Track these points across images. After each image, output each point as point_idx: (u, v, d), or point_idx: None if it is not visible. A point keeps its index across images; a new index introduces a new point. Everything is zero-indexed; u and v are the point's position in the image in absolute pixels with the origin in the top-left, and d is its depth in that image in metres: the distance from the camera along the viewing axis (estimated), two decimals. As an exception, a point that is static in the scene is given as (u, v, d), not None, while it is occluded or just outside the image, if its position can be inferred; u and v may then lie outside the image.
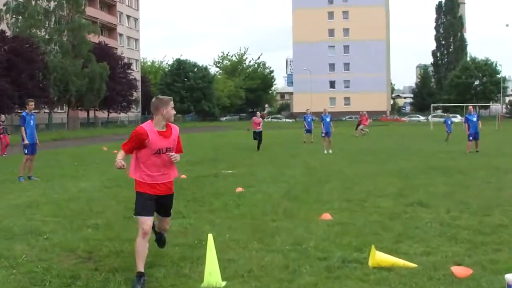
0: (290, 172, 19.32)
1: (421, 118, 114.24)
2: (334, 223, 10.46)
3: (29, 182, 18.10)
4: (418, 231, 9.67)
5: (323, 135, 30.47)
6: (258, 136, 32.14)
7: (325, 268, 7.51)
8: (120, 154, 7.10)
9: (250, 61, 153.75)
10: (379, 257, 7.54)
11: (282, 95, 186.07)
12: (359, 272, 7.31)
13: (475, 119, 29.45)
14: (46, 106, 70.85)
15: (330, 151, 29.27)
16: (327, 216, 10.99)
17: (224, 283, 6.93)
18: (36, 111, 18.02)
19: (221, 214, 11.70)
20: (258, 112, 37.13)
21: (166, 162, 7.14)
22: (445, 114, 55.04)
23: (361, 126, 51.06)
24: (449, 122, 41.07)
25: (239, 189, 15.01)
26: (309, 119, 39.95)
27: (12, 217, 11.46)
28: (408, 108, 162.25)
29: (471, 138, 28.85)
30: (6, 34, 65.44)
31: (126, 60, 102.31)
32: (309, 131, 39.57)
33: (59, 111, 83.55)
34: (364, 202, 12.88)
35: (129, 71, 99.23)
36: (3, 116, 39.38)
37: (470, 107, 31.64)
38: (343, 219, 10.88)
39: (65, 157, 29.31)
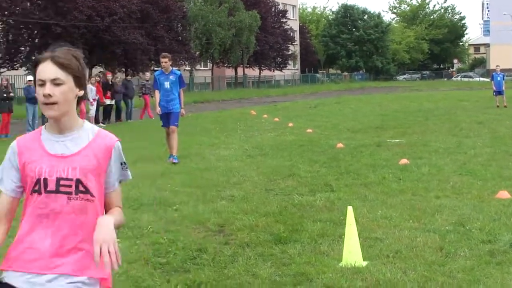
0: (470, 142, 19.35)
1: None
2: (512, 202, 10.66)
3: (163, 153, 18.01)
4: None
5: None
6: None
7: (487, 252, 7.84)
8: None
9: (435, 5, 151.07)
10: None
11: (476, 47, 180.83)
12: (527, 257, 7.58)
13: None
14: (186, 63, 73.00)
15: (528, 117, 28.76)
16: (504, 194, 11.15)
17: (365, 263, 7.47)
18: (176, 68, 17.85)
19: (376, 188, 12.22)
20: None
21: None
22: None
23: None
24: None
25: (404, 161, 15.39)
26: (498, 78, 39.30)
27: (141, 187, 12.59)
28: None
29: None
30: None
31: (280, 7, 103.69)
32: (499, 92, 38.90)
33: (202, 68, 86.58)
34: (558, 180, 12.86)
35: (285, 20, 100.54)
36: (147, 74, 41.81)
37: None
38: (525, 197, 11.02)
39: (206, 122, 30.92)
